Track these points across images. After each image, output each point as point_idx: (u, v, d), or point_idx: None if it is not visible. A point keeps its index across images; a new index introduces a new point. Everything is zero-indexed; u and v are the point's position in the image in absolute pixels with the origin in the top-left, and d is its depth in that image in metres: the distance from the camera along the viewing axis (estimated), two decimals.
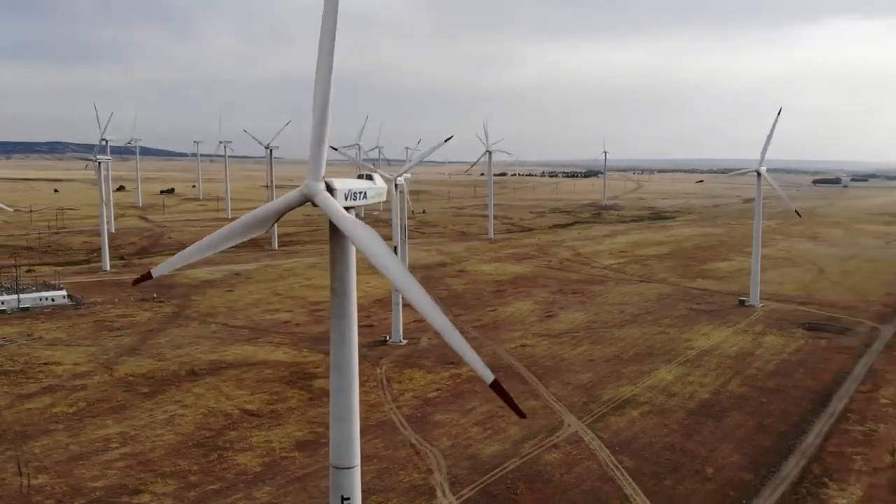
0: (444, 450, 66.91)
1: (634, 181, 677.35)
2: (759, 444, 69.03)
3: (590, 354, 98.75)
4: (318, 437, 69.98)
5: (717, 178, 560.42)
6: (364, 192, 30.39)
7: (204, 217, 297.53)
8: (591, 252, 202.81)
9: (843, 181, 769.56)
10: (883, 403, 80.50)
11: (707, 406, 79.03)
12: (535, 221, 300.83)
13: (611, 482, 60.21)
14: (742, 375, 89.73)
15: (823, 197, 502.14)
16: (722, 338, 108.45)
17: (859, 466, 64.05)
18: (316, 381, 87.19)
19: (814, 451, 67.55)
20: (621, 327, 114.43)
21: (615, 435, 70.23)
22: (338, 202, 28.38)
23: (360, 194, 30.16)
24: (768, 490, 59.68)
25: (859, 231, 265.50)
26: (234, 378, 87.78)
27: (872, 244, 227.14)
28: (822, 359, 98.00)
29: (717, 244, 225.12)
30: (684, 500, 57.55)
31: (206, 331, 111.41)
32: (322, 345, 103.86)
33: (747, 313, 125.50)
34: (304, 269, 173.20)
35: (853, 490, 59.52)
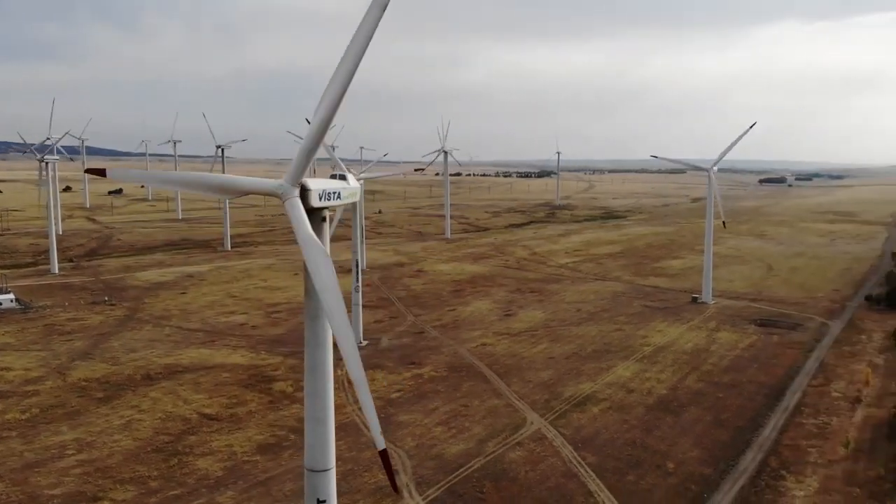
0: (409, 450, 66.76)
1: (586, 181, 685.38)
2: (718, 439, 70.45)
3: (549, 352, 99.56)
4: (279, 441, 69.24)
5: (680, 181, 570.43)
6: (338, 192, 30.08)
7: (154, 218, 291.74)
8: (547, 251, 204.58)
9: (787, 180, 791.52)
10: (834, 397, 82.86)
11: (665, 402, 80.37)
12: (491, 221, 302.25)
13: (575, 478, 60.80)
14: (698, 371, 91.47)
15: (769, 196, 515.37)
16: (677, 334, 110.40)
17: (815, 459, 65.83)
18: (275, 384, 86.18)
19: (770, 444, 69.21)
20: (579, 325, 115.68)
21: (577, 431, 70.95)
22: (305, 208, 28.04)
23: (334, 194, 29.84)
24: (728, 483, 60.95)
25: (805, 229, 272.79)
26: (191, 382, 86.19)
27: (818, 242, 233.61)
28: (775, 354, 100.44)
29: (668, 243, 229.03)
30: (647, 495, 58.42)
31: (160, 334, 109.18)
32: (280, 347, 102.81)
33: (700, 310, 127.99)
34: (258, 270, 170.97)
35: (810, 482, 61.15)
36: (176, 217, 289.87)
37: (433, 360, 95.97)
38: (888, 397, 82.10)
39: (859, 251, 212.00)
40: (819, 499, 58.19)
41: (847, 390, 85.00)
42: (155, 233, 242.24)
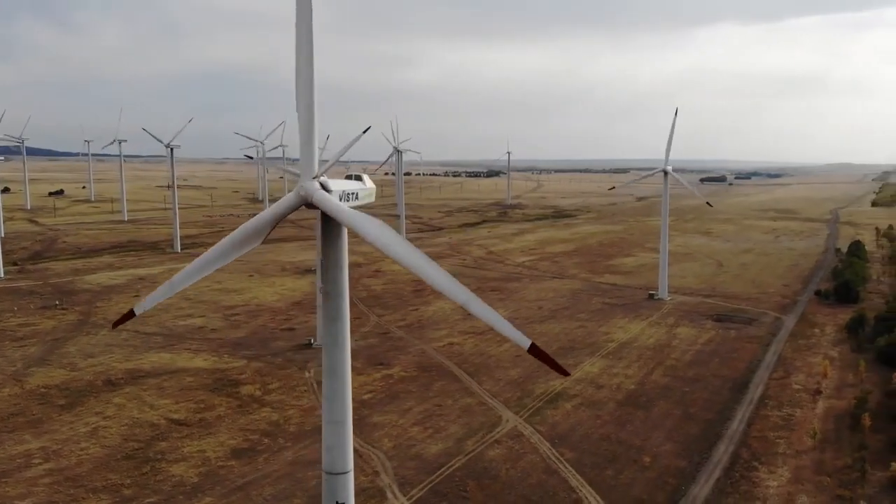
0: (388, 451, 66.33)
1: (535, 181, 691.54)
2: (689, 432, 71.85)
3: (516, 350, 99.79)
4: (253, 445, 68.04)
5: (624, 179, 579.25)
6: (356, 192, 29.73)
7: (98, 220, 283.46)
8: (503, 250, 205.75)
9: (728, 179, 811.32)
10: (795, 389, 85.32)
11: (635, 397, 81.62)
12: (444, 221, 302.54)
13: (555, 475, 61.27)
14: (663, 366, 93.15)
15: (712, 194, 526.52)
16: (638, 330, 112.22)
17: (783, 450, 67.65)
18: (242, 387, 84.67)
19: (740, 436, 70.89)
20: (542, 323, 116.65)
21: (553, 428, 71.52)
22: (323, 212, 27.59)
23: (352, 195, 29.47)
24: (703, 476, 62.20)
25: (749, 226, 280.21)
26: (154, 387, 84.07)
27: (763, 239, 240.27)
28: (734, 348, 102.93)
29: (619, 241, 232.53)
30: (627, 489, 59.22)
31: (117, 338, 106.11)
32: (243, 350, 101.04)
33: (658, 306, 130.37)
34: (211, 272, 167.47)
35: (782, 472, 62.83)
36: (121, 218, 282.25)
37: (402, 360, 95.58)
38: (846, 389, 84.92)
39: (804, 247, 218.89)
40: (792, 488, 59.84)
41: (807, 382, 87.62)
42: (101, 234, 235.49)
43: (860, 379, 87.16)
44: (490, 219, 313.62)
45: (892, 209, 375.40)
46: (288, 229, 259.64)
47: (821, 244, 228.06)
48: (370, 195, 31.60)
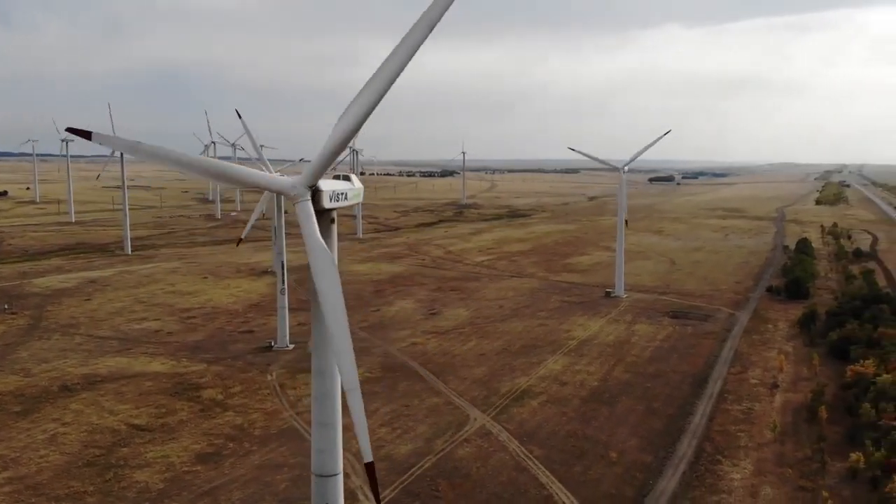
0: (357, 453, 65.72)
1: (488, 181, 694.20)
2: (652, 427, 73.01)
3: (479, 349, 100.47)
4: (219, 450, 66.90)
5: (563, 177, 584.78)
6: (346, 193, 29.45)
7: (45, 221, 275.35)
8: (461, 250, 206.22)
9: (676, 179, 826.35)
10: (753, 384, 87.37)
11: (598, 393, 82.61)
12: (400, 220, 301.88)
13: (525, 472, 61.65)
14: (624, 363, 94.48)
15: (661, 194, 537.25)
16: (597, 328, 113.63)
17: (745, 443, 69.23)
18: (204, 391, 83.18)
19: (702, 430, 72.30)
20: (503, 321, 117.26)
21: (520, 426, 71.94)
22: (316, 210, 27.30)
23: (342, 195, 29.20)
24: (670, 470, 63.27)
25: (699, 225, 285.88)
26: (112, 392, 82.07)
27: (713, 237, 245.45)
28: (691, 344, 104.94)
29: (574, 240, 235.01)
30: (596, 485, 59.91)
31: (70, 343, 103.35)
32: (202, 354, 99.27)
33: (615, 304, 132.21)
34: (164, 274, 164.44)
35: (745, 465, 64.28)
36: (69, 220, 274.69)
37: (366, 361, 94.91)
38: (802, 382, 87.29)
39: (753, 245, 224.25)
40: (755, 480, 61.27)
41: (764, 377, 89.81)
42: (48, 236, 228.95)
43: (814, 372, 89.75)
44: (446, 218, 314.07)
45: (835, 207, 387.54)
46: (240, 230, 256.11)
47: (769, 242, 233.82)
48: (358, 195, 31.37)
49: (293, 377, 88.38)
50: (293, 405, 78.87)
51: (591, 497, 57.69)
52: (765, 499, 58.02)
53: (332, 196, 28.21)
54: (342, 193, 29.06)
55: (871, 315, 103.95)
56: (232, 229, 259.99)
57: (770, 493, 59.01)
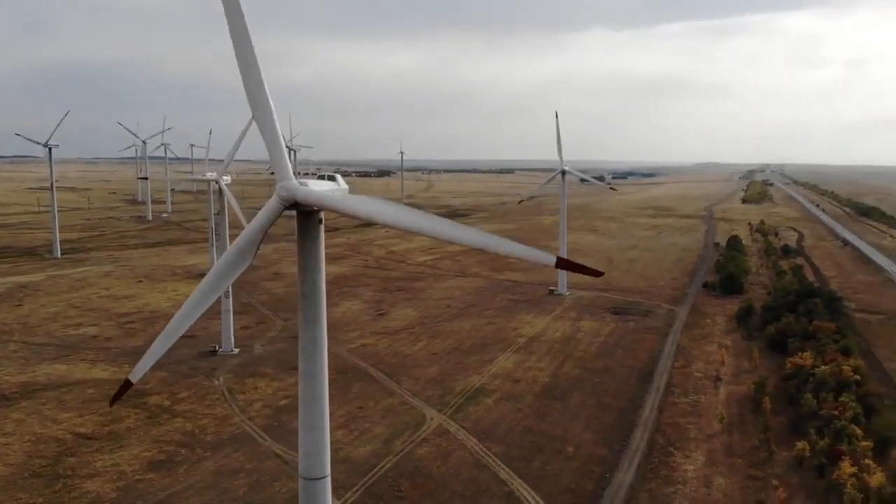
0: None
1: (425, 181, 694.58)
2: (605, 421, 74.43)
3: (430, 349, 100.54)
4: (170, 457, 65.19)
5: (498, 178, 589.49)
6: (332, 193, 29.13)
7: None
8: (404, 250, 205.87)
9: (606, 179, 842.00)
10: (697, 377, 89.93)
11: (550, 389, 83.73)
12: (339, 220, 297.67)
13: (485, 469, 62.05)
14: (572, 358, 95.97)
15: (593, 193, 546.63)
16: (544, 325, 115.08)
17: (695, 435, 71.24)
18: (149, 398, 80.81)
19: (653, 423, 74.07)
20: (452, 321, 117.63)
21: (477, 424, 72.34)
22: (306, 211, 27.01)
23: None
24: (625, 463, 64.62)
25: (632, 224, 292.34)
26: (54, 400, 79.05)
27: (647, 235, 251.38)
28: (635, 339, 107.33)
29: (514, 239, 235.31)
30: (555, 479, 60.72)
31: (4, 350, 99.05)
32: None
33: (559, 301, 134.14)
34: (97, 278, 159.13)
35: (696, 456, 66.15)
36: None
37: None
38: (744, 374, 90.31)
39: (685, 242, 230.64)
40: (708, 471, 63.13)
41: (707, 370, 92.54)
42: None
43: (755, 365, 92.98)
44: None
45: (761, 206, 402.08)
46: (173, 232, 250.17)
47: (700, 239, 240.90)
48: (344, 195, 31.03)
49: (241, 382, 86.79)
50: (244, 410, 77.48)
51: (552, 491, 58.45)
52: (718, 488, 59.83)
53: None
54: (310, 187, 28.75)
55: (805, 309, 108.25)
56: (164, 231, 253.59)
57: (722, 482, 60.89)
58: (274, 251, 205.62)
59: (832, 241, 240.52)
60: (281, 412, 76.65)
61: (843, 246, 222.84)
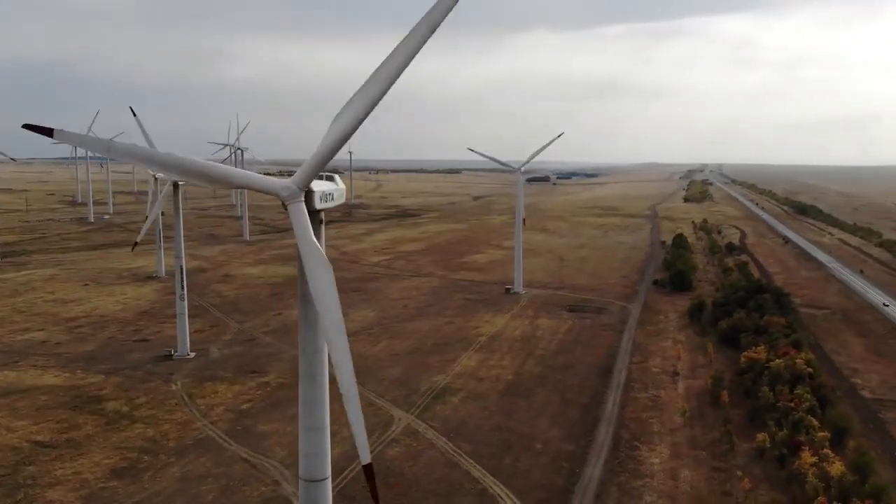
0: (282, 459, 64.31)
1: (374, 181, 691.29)
2: (570, 417, 75.44)
3: (391, 349, 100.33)
4: (133, 464, 63.65)
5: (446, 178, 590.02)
6: (332, 193, 28.93)
7: None
8: (356, 250, 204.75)
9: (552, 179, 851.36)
10: (655, 372, 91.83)
11: (514, 387, 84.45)
12: (287, 222, 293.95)
13: (457, 467, 62.27)
14: (533, 356, 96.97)
15: (539, 193, 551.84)
16: (503, 323, 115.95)
17: (658, 428, 72.76)
18: (106, 404, 78.83)
19: (616, 418, 75.37)
20: (411, 321, 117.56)
21: (445, 423, 72.50)
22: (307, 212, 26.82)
23: (329, 196, 28.66)
24: (593, 458, 65.61)
25: (580, 223, 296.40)
26: (6, 408, 76.38)
27: (594, 234, 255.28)
28: (592, 336, 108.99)
29: (466, 239, 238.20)
30: (526, 476, 61.29)
31: None
32: (97, 364, 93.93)
33: (516, 300, 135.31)
34: (41, 282, 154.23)
35: (661, 450, 67.57)
36: None
37: (275, 367, 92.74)
38: (700, 369, 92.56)
39: (632, 241, 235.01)
40: (674, 464, 64.57)
41: (664, 365, 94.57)
42: None
43: (710, 360, 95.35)
44: (335, 219, 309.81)
45: (702, 204, 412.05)
46: (116, 234, 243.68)
47: (646, 238, 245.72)
48: (342, 196, 30.85)
49: (200, 386, 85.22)
50: (205, 414, 76.12)
51: (524, 488, 59.00)
52: (685, 481, 61.25)
53: (321, 197, 27.70)
54: (329, 194, 28.59)
55: (756, 305, 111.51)
56: (107, 233, 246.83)
57: (688, 475, 62.35)
58: (221, 252, 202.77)
59: (774, 238, 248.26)
60: (244, 416, 75.57)
61: (785, 243, 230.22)
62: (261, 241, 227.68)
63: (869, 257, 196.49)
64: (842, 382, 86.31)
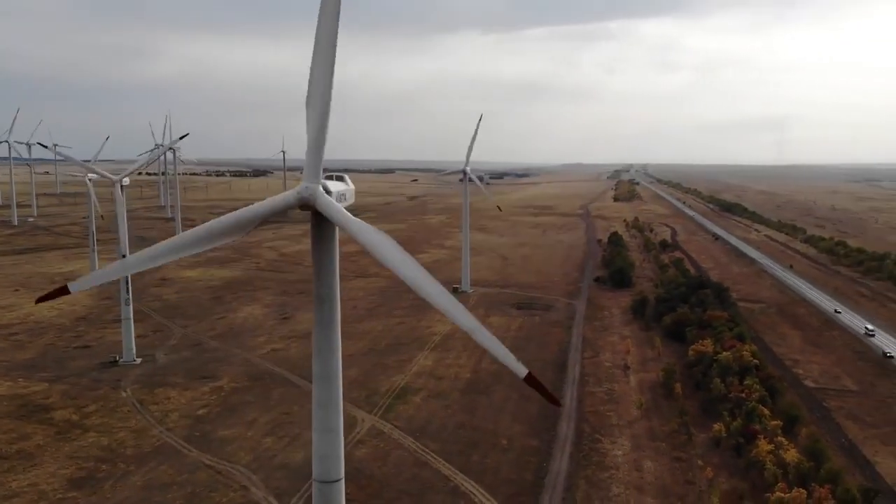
0: (248, 464, 63.28)
1: None
2: (530, 413, 76.42)
3: (346, 350, 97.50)
4: (91, 473, 61.61)
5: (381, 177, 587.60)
6: (345, 193, 28.78)
7: None
8: (296, 252, 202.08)
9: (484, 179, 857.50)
10: (607, 366, 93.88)
11: (473, 384, 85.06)
12: None
13: (426, 466, 62.45)
14: (488, 354, 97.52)
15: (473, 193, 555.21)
16: None
17: (616, 421, 74.50)
18: (54, 413, 75.91)
19: (576, 413, 76.83)
20: (361, 322, 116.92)
21: (409, 422, 72.53)
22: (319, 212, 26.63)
23: (343, 196, 28.51)
24: (557, 452, 66.77)
25: (517, 223, 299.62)
26: None
27: (533, 233, 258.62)
28: (543, 333, 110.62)
29: (407, 238, 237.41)
30: (496, 472, 61.98)
31: None
32: (39, 372, 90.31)
33: (465, 299, 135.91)
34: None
35: (622, 442, 69.25)
36: None
37: (227, 371, 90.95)
38: (649, 363, 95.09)
39: (569, 239, 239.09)
40: (636, 455, 66.28)
41: (615, 360, 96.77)
42: None
43: (658, 353, 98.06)
44: (269, 220, 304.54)
45: (631, 203, 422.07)
46: (43, 237, 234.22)
47: (582, 236, 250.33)
48: (352, 195, 30.72)
49: (151, 392, 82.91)
50: (161, 421, 74.16)
51: (494, 483, 59.67)
52: (648, 472, 63.01)
53: (338, 197, 27.60)
54: (342, 194, 28.47)
55: (698, 300, 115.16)
56: (32, 237, 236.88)
57: (651, 466, 64.14)
58: None
59: (704, 235, 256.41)
60: (200, 422, 73.94)
61: (715, 240, 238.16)
62: None
63: (796, 253, 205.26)
64: (785, 373, 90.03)
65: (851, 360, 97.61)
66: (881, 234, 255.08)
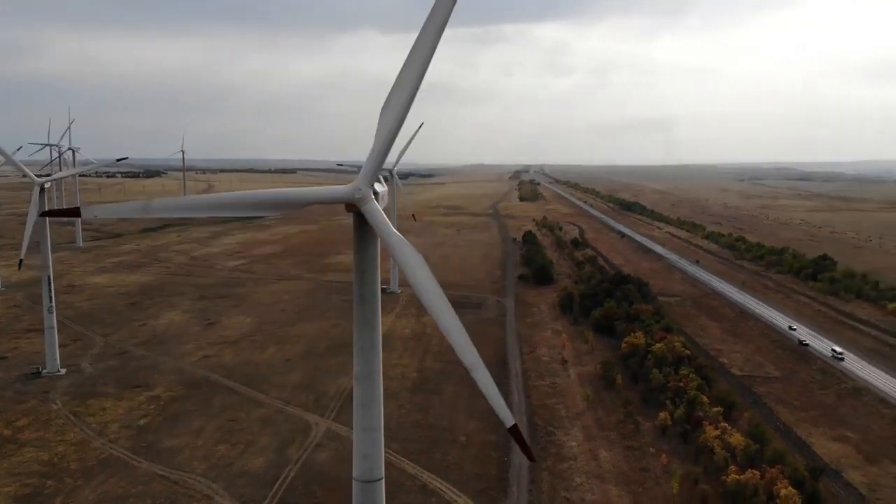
0: (204, 473, 61.49)
1: (203, 181, 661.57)
2: (482, 409, 77.26)
3: (282, 355, 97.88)
4: (37, 490, 58.51)
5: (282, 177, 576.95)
6: (382, 194, 28.75)
7: None
8: (206, 254, 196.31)
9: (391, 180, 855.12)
10: (546, 361, 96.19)
11: (421, 383, 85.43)
12: (121, 226, 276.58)
13: (391, 466, 62.25)
14: (430, 353, 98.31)
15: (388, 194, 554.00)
16: (390, 323, 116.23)
17: (565, 413, 76.59)
18: None
19: (526, 407, 78.50)
20: (293, 325, 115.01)
21: None
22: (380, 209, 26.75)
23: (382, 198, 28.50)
24: (515, 445, 67.91)
25: (431, 223, 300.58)
26: None
27: (448, 233, 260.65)
28: (479, 330, 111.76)
29: (321, 240, 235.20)
30: (460, 468, 62.68)
31: None
32: None
33: (396, 299, 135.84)
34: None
35: (574, 433, 71.28)
36: None
37: (160, 379, 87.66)
38: (584, 356, 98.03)
39: (484, 239, 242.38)
40: (590, 445, 68.40)
41: (552, 354, 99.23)
42: None
43: (591, 347, 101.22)
44: (173, 222, 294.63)
45: (536, 203, 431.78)
46: None
47: (496, 235, 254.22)
48: (387, 196, 30.68)
49: (84, 403, 79.19)
50: (101, 433, 71.01)
51: (461, 479, 60.38)
52: (605, 461, 65.20)
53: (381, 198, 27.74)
54: (382, 196, 28.53)
55: (622, 294, 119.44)
56: None
57: (607, 455, 66.37)
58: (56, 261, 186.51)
59: (609, 233, 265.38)
60: (144, 432, 71.23)
61: (621, 237, 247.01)
62: (96, 248, 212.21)
63: (699, 248, 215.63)
64: (712, 362, 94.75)
65: (770, 349, 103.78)
66: (773, 230, 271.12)
